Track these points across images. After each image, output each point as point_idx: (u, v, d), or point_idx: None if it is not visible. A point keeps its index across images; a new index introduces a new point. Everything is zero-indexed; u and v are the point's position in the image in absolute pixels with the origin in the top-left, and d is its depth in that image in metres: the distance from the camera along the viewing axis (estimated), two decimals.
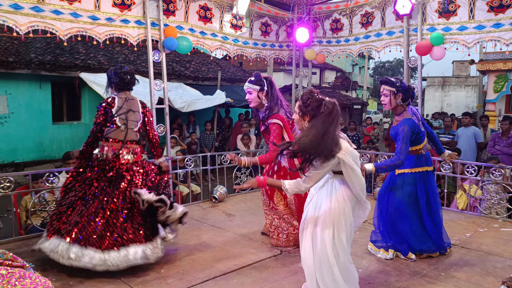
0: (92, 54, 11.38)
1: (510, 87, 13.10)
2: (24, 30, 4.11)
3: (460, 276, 3.24)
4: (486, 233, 4.32)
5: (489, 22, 5.02)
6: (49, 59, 10.20)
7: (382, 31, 6.05)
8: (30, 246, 3.85)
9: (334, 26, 6.65)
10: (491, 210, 4.94)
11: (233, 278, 3.20)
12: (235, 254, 3.70)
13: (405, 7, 5.34)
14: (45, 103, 10.59)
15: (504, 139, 6.51)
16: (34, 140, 10.38)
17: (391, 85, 3.55)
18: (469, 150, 6.93)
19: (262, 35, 6.58)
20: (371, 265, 3.47)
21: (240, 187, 2.79)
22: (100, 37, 4.64)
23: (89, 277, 3.16)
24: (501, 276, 3.14)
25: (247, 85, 3.70)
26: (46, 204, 4.26)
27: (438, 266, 3.45)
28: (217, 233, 4.33)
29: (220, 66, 14.49)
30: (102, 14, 4.66)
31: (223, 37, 5.97)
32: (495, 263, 3.51)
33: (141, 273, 3.27)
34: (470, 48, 5.21)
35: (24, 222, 4.43)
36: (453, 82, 27.48)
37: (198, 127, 10.63)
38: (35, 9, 4.17)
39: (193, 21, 5.55)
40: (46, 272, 3.21)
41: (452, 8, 5.28)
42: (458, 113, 15.47)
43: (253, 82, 3.68)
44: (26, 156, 10.29)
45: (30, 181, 4.18)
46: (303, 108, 2.53)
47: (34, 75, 10.09)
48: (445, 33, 5.33)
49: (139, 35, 4.96)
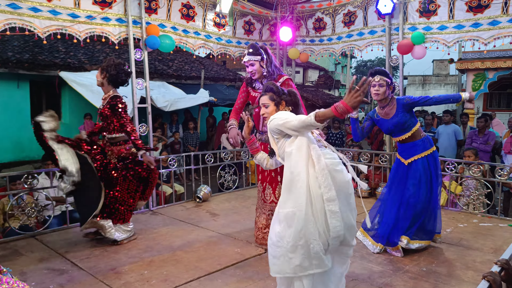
0: (72, 53, 11.14)
1: (487, 86, 13.44)
2: (0, 27, 3.99)
3: (441, 271, 3.30)
4: (466, 228, 4.41)
5: (468, 21, 5.13)
6: (27, 58, 9.95)
7: (365, 30, 6.11)
8: (8, 250, 3.75)
9: (317, 25, 6.68)
10: (470, 206, 5.06)
11: (217, 278, 3.18)
12: (219, 253, 3.68)
13: (387, 7, 5.42)
14: (24, 102, 10.33)
15: (481, 137, 6.68)
16: (12, 140, 10.12)
17: (387, 76, 3.61)
18: (449, 147, 7.08)
19: (246, 33, 6.56)
20: (354, 261, 3.50)
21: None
22: (80, 35, 4.55)
23: (69, 281, 3.10)
24: (480, 270, 3.21)
25: (249, 58, 3.64)
26: (24, 206, 4.15)
27: (420, 262, 3.50)
28: (201, 232, 4.30)
29: (203, 64, 14.40)
30: (82, 11, 4.56)
31: (206, 36, 5.93)
32: (474, 257, 3.59)
33: (124, 275, 3.22)
34: (449, 47, 5.32)
35: (1, 225, 4.31)
36: (433, 81, 28.03)
37: (181, 126, 10.55)
38: (12, 6, 4.05)
39: (176, 19, 5.49)
40: (24, 277, 3.13)
41: (432, 8, 5.37)
42: (438, 111, 15.77)
43: (253, 54, 3.64)
44: (3, 157, 10.01)
45: (7, 183, 4.06)
46: (277, 97, 2.59)
47: (11, 74, 9.82)
48: (426, 32, 5.42)
49: (121, 33, 4.88)
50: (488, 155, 6.60)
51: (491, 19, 4.95)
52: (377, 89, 3.61)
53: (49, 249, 3.78)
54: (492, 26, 4.95)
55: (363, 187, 2.59)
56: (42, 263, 3.45)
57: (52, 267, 3.35)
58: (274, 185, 3.79)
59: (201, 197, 5.60)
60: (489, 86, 13.53)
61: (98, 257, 3.58)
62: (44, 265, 3.40)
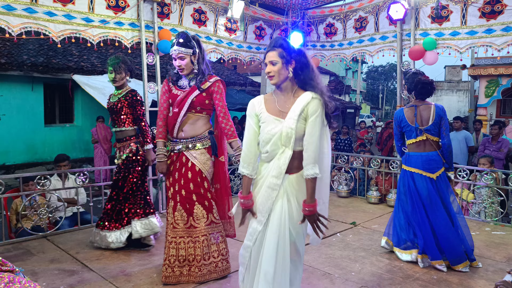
0: (86, 56, 11.32)
1: (501, 92, 13.26)
2: (17, 31, 4.07)
3: (452, 280, 3.25)
4: (478, 237, 4.34)
5: (481, 27, 5.08)
6: (42, 61, 10.13)
7: (376, 36, 6.09)
8: (20, 250, 3.81)
9: (328, 30, 6.69)
10: (482, 214, 4.98)
11: (225, 282, 3.18)
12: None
13: (398, 12, 5.40)
14: (37, 105, 10.50)
15: (494, 144, 6.59)
16: (26, 142, 10.29)
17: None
18: (460, 154, 6.99)
19: (256, 38, 6.59)
20: (364, 268, 3.47)
21: None
22: (94, 39, 4.62)
23: (79, 282, 3.13)
24: (492, 280, 3.16)
25: (178, 49, 3.03)
26: (37, 207, 4.21)
27: (430, 269, 3.46)
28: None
29: (215, 69, 14.50)
30: (96, 16, 4.64)
31: (217, 40, 5.97)
32: (487, 266, 3.53)
33: (133, 277, 3.24)
34: (462, 53, 5.27)
35: (14, 225, 4.37)
36: (445, 87, 27.76)
37: None
38: (28, 11, 4.13)
39: (188, 24, 5.55)
40: (35, 277, 3.17)
41: (444, 14, 5.33)
42: (450, 117, 15.59)
43: (184, 45, 3.05)
44: (17, 159, 10.18)
45: (20, 184, 4.13)
46: (287, 55, 2.21)
47: (26, 77, 10.01)
48: (438, 38, 5.39)
49: (133, 38, 4.95)
50: (502, 163, 6.51)
51: (505, 25, 4.89)
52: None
53: (60, 250, 3.83)
54: (506, 32, 4.89)
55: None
56: (53, 263, 3.49)
57: (63, 268, 3.39)
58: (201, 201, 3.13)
59: None
60: (503, 92, 13.35)
61: (108, 259, 3.61)
62: (55, 265, 3.44)
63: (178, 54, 3.06)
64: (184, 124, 3.13)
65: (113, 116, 3.86)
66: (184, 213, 3.11)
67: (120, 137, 3.85)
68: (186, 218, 3.10)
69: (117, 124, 3.83)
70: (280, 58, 2.21)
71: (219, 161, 3.29)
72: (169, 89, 3.24)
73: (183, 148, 3.14)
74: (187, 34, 3.11)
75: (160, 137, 3.18)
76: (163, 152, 3.16)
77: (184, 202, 3.11)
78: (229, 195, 3.36)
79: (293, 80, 2.26)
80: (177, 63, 3.10)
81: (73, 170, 4.66)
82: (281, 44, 2.23)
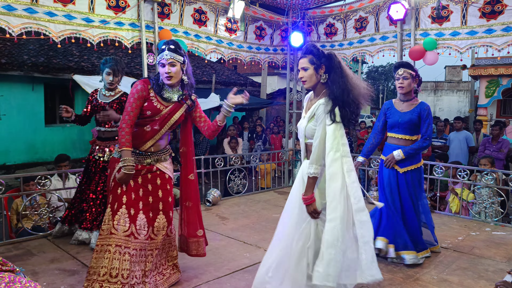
0: (86, 56, 11.33)
1: (501, 92, 13.26)
2: (17, 31, 4.08)
3: (452, 280, 3.25)
4: (478, 237, 4.34)
5: (481, 28, 5.08)
6: (42, 61, 10.14)
7: (376, 36, 6.10)
8: (21, 250, 3.81)
9: (328, 30, 6.69)
10: (484, 214, 4.98)
11: (226, 282, 3.18)
12: (228, 257, 3.69)
13: (398, 12, 5.40)
14: (38, 105, 10.51)
15: (494, 144, 6.60)
16: (26, 142, 10.30)
17: (411, 68, 3.58)
18: (461, 154, 7.00)
19: (257, 38, 6.60)
20: None
21: None
22: (94, 39, 4.62)
23: (80, 282, 3.13)
24: (493, 280, 3.16)
25: (170, 54, 2.73)
26: (37, 207, 4.22)
27: (430, 270, 3.46)
28: (210, 236, 4.31)
29: (215, 69, 14.52)
30: (96, 16, 4.64)
31: (217, 41, 5.97)
32: (487, 266, 3.53)
33: None
34: (462, 53, 5.27)
35: (15, 225, 4.38)
36: (445, 87, 27.76)
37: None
38: (29, 11, 4.14)
39: (188, 24, 5.55)
40: (36, 277, 3.17)
41: (445, 14, 5.33)
42: (450, 118, 15.61)
43: (176, 52, 2.76)
44: (17, 158, 10.19)
45: (21, 184, 4.14)
46: (317, 61, 2.41)
47: (26, 77, 10.02)
48: (438, 38, 5.39)
49: (134, 38, 4.95)
50: (502, 163, 6.51)
51: (505, 25, 4.89)
52: (401, 82, 3.56)
53: (60, 250, 3.83)
54: (506, 32, 4.89)
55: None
56: (53, 263, 3.49)
57: (63, 268, 3.39)
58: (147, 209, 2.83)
59: (210, 201, 5.62)
60: (503, 92, 13.35)
61: None
62: (56, 265, 3.44)
63: (169, 60, 2.73)
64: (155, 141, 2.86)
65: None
66: (145, 223, 2.76)
67: (109, 136, 3.90)
68: (147, 229, 2.77)
69: (108, 124, 3.87)
70: (310, 64, 2.43)
71: (188, 180, 3.12)
72: (149, 97, 2.79)
73: (153, 161, 2.88)
74: (177, 42, 2.86)
75: (128, 146, 2.70)
76: (132, 163, 2.70)
77: (148, 210, 2.81)
78: (199, 213, 3.19)
79: (324, 83, 2.46)
80: (167, 69, 2.74)
81: (74, 170, 4.66)
82: (311, 51, 2.43)
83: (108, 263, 2.56)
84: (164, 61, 2.74)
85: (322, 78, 2.42)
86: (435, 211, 5.24)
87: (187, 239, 3.18)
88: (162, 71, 2.76)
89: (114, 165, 2.85)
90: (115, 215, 2.66)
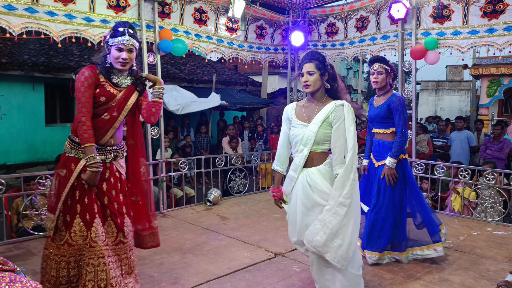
0: (87, 56, 11.32)
1: (502, 92, 13.23)
2: (18, 31, 4.07)
3: (454, 280, 3.24)
4: (479, 237, 4.33)
5: (482, 27, 5.07)
6: (43, 61, 10.14)
7: (377, 35, 6.08)
8: (21, 249, 3.81)
9: (329, 30, 6.68)
10: (485, 214, 4.97)
11: (227, 282, 3.18)
12: (229, 257, 3.68)
13: (400, 12, 5.38)
14: (38, 104, 10.51)
15: (496, 144, 6.58)
16: (27, 142, 10.30)
17: (386, 63, 3.53)
18: (462, 153, 6.98)
19: (257, 38, 6.59)
20: (365, 267, 3.46)
21: None
22: (95, 38, 4.62)
23: None
24: (494, 280, 3.15)
25: (131, 40, 2.59)
26: (38, 207, 4.21)
27: (432, 269, 3.45)
28: (211, 236, 4.31)
29: (215, 68, 14.50)
30: (97, 15, 4.63)
31: (218, 40, 5.96)
32: (488, 266, 3.52)
33: None
34: (463, 52, 5.26)
35: (15, 225, 4.37)
36: (446, 86, 27.69)
37: (193, 129, 10.61)
38: (29, 10, 4.13)
39: (188, 24, 5.54)
40: (37, 276, 3.16)
41: (446, 13, 5.32)
42: (451, 117, 15.58)
43: (135, 37, 2.63)
44: (18, 158, 10.19)
45: (22, 184, 4.13)
46: (322, 67, 2.57)
47: (27, 77, 10.01)
48: (439, 37, 5.37)
49: None
50: (503, 163, 6.50)
51: (507, 25, 4.88)
52: (375, 76, 3.51)
53: None
54: (508, 32, 4.87)
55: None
56: None
57: None
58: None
59: (211, 201, 5.61)
60: (504, 92, 13.32)
61: None
62: None
63: (129, 46, 2.57)
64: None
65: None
66: (114, 229, 2.66)
67: None
68: (116, 234, 2.67)
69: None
70: (317, 70, 2.56)
71: (136, 174, 2.88)
72: (100, 82, 2.58)
73: (112, 158, 2.69)
74: (133, 26, 2.66)
75: (92, 141, 2.48)
76: (99, 160, 2.52)
77: (116, 215, 2.69)
78: (149, 207, 2.97)
79: (324, 89, 2.62)
80: (124, 55, 2.57)
81: None
82: (318, 58, 2.58)
83: (94, 277, 2.49)
84: (122, 46, 2.56)
85: (325, 85, 2.58)
86: (436, 210, 5.23)
87: (139, 233, 2.97)
88: (117, 55, 2.57)
89: (69, 166, 2.57)
90: (91, 227, 2.53)
